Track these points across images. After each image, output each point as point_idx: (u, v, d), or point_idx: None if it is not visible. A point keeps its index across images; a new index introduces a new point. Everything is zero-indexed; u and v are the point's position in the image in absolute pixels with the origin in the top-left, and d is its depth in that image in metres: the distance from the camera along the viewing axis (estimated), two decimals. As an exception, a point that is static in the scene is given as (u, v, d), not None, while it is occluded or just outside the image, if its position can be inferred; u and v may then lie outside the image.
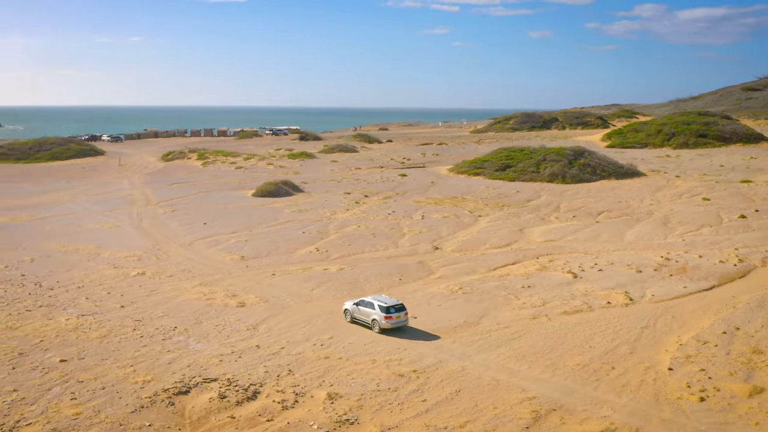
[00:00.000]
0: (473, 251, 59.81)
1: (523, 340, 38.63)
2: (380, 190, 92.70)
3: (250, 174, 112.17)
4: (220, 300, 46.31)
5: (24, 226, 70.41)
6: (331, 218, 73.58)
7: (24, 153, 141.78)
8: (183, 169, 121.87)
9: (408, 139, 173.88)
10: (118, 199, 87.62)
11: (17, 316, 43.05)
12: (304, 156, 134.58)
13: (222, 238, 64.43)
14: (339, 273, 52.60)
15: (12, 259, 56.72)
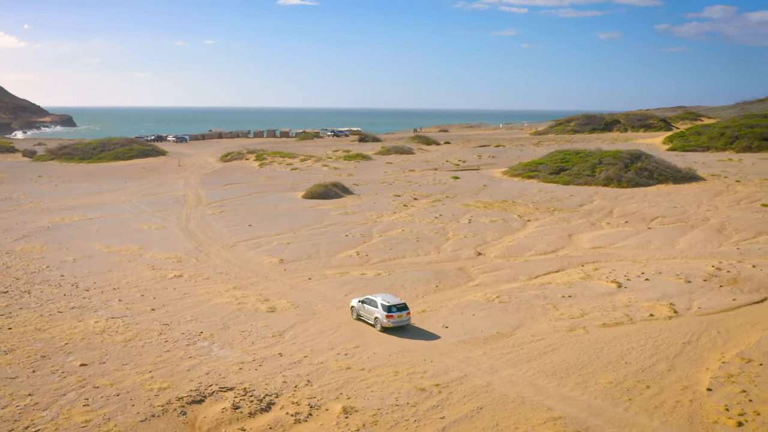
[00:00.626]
0: (517, 257, 57.55)
1: (555, 354, 36.41)
2: (430, 192, 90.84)
3: (304, 175, 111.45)
4: (251, 305, 45.18)
5: (73, 226, 70.70)
6: (376, 221, 72.06)
7: (88, 153, 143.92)
8: (239, 170, 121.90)
9: (466, 141, 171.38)
10: (170, 200, 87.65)
11: (48, 317, 42.60)
12: (360, 158, 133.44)
13: (264, 240, 63.48)
14: (375, 278, 51.03)
15: (55, 260, 56.68)
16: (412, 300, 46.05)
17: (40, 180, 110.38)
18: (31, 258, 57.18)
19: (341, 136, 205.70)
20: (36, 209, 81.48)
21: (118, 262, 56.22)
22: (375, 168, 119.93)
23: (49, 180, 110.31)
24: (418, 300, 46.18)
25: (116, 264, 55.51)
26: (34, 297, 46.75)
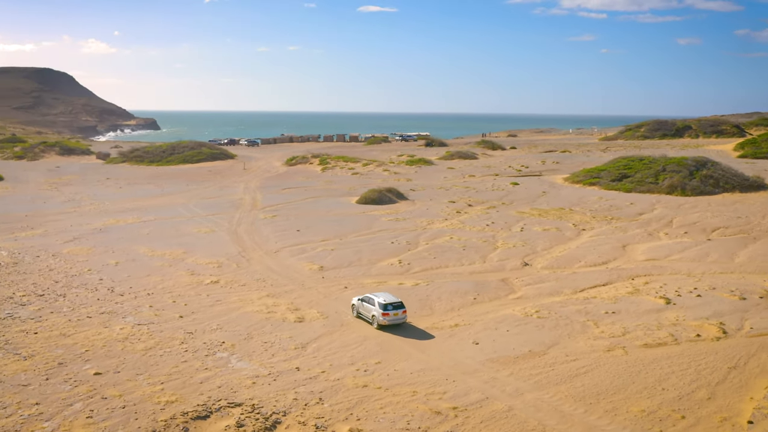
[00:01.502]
0: (565, 269, 54.46)
1: (588, 376, 33.52)
2: (486, 199, 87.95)
3: (363, 180, 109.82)
4: (280, 314, 43.52)
5: (125, 228, 70.50)
6: (426, 228, 69.74)
7: (158, 156, 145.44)
8: (301, 174, 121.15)
9: (533, 146, 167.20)
10: (227, 203, 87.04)
11: (76, 322, 41.76)
12: (422, 162, 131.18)
13: (309, 246, 61.87)
14: (412, 289, 48.74)
15: (98, 263, 56.22)
16: (446, 313, 43.68)
17: (107, 182, 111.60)
18: (75, 261, 56.83)
19: (409, 141, 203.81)
20: (95, 211, 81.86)
21: (159, 266, 55.35)
22: (435, 173, 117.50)
23: (115, 182, 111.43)
24: (452, 313, 43.73)
25: (157, 268, 54.64)
26: (68, 301, 46.09)
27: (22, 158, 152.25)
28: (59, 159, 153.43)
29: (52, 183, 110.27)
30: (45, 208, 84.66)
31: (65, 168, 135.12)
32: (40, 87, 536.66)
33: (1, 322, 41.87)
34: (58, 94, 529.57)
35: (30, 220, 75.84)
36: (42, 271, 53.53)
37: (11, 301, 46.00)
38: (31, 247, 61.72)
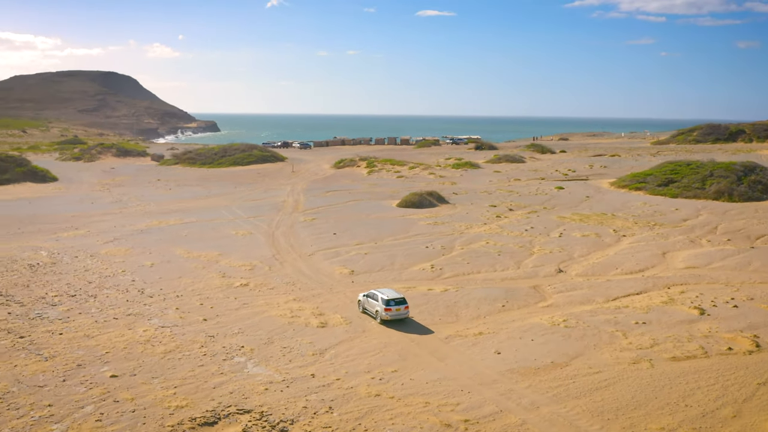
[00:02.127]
0: (599, 276, 52.65)
1: (609, 390, 31.98)
2: (529, 203, 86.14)
3: (407, 183, 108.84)
4: (303, 318, 42.82)
5: (166, 230, 70.78)
6: (463, 233, 68.42)
7: (209, 158, 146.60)
8: (348, 177, 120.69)
9: (583, 149, 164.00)
10: (269, 206, 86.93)
11: (102, 323, 41.73)
12: (468, 166, 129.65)
13: (343, 250, 61.14)
14: (441, 295, 47.58)
15: (133, 264, 56.35)
16: (472, 320, 42.44)
17: (157, 184, 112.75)
18: (112, 261, 57.08)
19: (460, 144, 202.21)
20: (139, 212, 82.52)
21: (192, 268, 55.22)
22: (480, 176, 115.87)
23: (165, 184, 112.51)
24: (478, 321, 42.46)
25: (190, 270, 54.51)
26: (98, 302, 46.16)
27: (79, 159, 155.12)
28: (115, 160, 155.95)
29: (103, 184, 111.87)
30: (92, 208, 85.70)
31: (119, 169, 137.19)
32: (104, 90, 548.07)
33: (30, 322, 42.05)
34: (122, 97, 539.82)
35: (75, 220, 76.76)
36: (77, 272, 53.85)
37: (43, 302, 46.24)
38: (72, 247, 62.28)
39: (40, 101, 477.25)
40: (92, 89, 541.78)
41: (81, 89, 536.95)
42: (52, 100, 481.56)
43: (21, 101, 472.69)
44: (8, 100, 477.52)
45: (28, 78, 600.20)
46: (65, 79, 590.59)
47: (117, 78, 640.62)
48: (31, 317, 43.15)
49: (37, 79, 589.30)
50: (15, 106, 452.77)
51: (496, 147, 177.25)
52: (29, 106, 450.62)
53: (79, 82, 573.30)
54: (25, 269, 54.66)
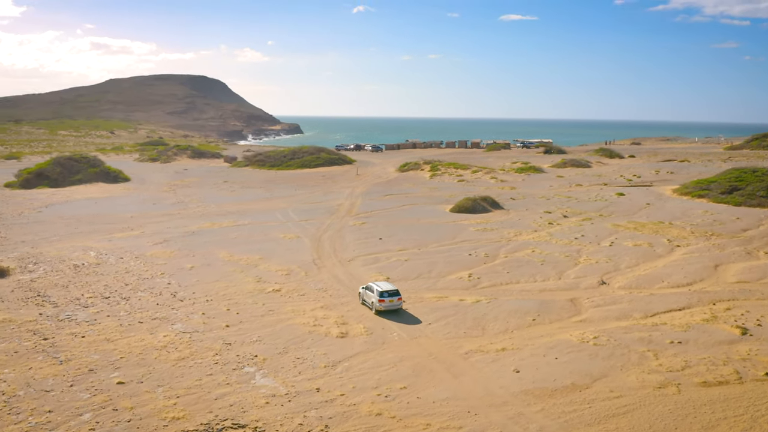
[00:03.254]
0: (643, 290, 49.33)
1: (626, 417, 29.24)
2: (585, 210, 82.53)
3: (467, 188, 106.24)
4: (325, 327, 41.23)
5: (216, 232, 70.42)
6: (510, 240, 65.70)
7: (278, 160, 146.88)
8: (409, 181, 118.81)
9: (653, 154, 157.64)
10: (324, 209, 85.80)
11: (126, 327, 41.12)
12: (532, 170, 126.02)
13: (384, 256, 59.39)
14: (472, 306, 45.25)
15: (174, 266, 55.91)
16: (497, 335, 40.07)
17: (223, 185, 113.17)
18: (154, 263, 56.77)
19: (531, 148, 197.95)
20: (197, 214, 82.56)
21: (230, 272, 54.36)
22: (542, 181, 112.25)
23: (230, 185, 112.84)
24: (504, 335, 40.02)
25: (227, 274, 53.66)
26: (129, 305, 45.71)
27: (156, 160, 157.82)
28: (189, 162, 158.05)
29: (171, 185, 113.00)
30: (153, 209, 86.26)
31: (191, 171, 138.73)
32: (193, 93, 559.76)
33: (58, 324, 41.79)
34: (210, 100, 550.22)
35: (134, 221, 77.23)
36: (118, 273, 53.65)
37: (76, 303, 46.02)
38: (120, 248, 62.35)
39: (132, 103, 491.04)
40: (182, 92, 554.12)
41: (171, 92, 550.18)
42: (143, 103, 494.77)
43: (114, 103, 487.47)
44: (102, 102, 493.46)
45: (123, 81, 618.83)
46: (157, 82, 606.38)
47: (206, 81, 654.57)
48: (60, 318, 42.90)
49: (131, 83, 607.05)
50: (108, 108, 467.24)
51: (565, 151, 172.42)
52: (121, 108, 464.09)
53: (169, 85, 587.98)
54: (70, 269, 54.79)
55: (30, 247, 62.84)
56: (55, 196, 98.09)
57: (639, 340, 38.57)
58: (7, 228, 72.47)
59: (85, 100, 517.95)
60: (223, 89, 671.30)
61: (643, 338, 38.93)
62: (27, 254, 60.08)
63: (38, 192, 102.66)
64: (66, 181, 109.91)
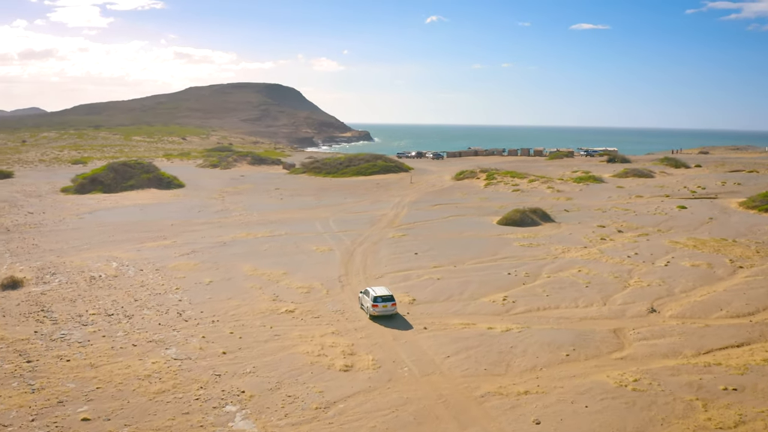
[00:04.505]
0: (698, 319, 42.58)
1: (661, 496, 23.05)
2: (642, 224, 75.23)
3: (520, 198, 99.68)
4: (330, 358, 36.13)
5: (249, 242, 66.45)
6: (557, 257, 59.38)
7: (334, 168, 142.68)
8: (463, 190, 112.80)
9: (721, 164, 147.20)
10: (366, 219, 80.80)
11: (117, 351, 37.10)
12: (591, 180, 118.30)
13: (416, 273, 53.96)
14: (499, 336, 39.41)
15: (192, 280, 51.91)
16: (522, 373, 34.17)
17: (274, 193, 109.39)
18: (173, 277, 52.75)
19: (594, 156, 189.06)
20: (236, 222, 78.67)
21: (248, 288, 49.79)
22: (600, 192, 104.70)
23: (280, 193, 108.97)
24: (530, 374, 34.09)
25: (244, 291, 49.11)
26: (130, 324, 41.67)
27: (216, 166, 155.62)
28: (248, 168, 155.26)
29: (222, 192, 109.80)
30: (196, 217, 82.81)
31: (248, 177, 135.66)
32: (268, 101, 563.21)
33: (49, 344, 38.03)
34: (284, 108, 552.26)
35: (171, 229, 73.77)
36: (132, 287, 49.77)
37: (77, 320, 42.25)
38: (145, 259, 58.63)
39: (209, 111, 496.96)
40: (257, 100, 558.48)
41: (247, 100, 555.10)
42: (219, 110, 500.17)
43: (191, 110, 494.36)
44: (180, 109, 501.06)
45: (201, 89, 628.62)
46: (234, 90, 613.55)
47: (281, 89, 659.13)
48: (54, 338, 39.13)
49: (209, 90, 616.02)
50: (185, 114, 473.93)
51: (629, 160, 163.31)
52: (198, 115, 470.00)
53: (245, 93, 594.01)
54: (85, 282, 51.18)
55: (56, 256, 59.67)
56: (104, 202, 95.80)
57: (687, 386, 32.15)
58: (43, 235, 69.79)
59: (165, 107, 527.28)
60: (297, 97, 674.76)
61: (693, 383, 32.49)
62: (50, 264, 56.87)
63: (89, 197, 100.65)
64: (118, 187, 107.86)
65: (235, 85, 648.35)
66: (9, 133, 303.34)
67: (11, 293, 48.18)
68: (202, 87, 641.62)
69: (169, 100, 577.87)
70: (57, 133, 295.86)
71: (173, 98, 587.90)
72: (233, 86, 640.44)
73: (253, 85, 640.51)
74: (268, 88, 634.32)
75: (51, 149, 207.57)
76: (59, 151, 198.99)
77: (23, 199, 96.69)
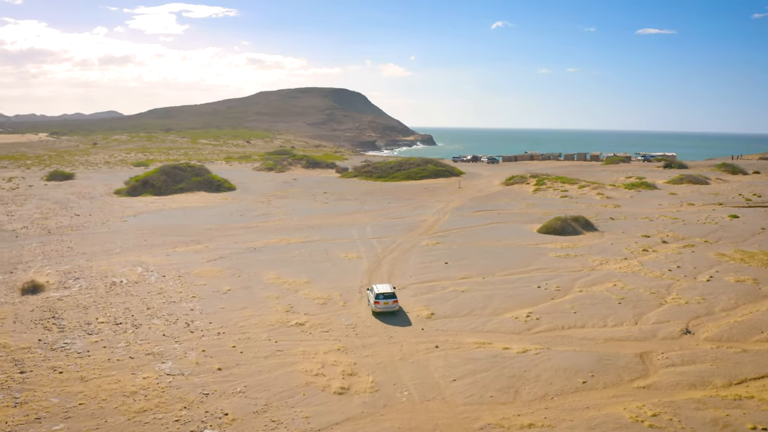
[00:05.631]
0: (735, 343, 38.14)
1: None
2: (689, 234, 70.02)
3: (567, 204, 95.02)
4: (327, 379, 33.30)
5: (279, 249, 64.28)
6: (594, 269, 55.23)
7: (385, 172, 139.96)
8: (510, 195, 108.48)
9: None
10: (405, 225, 77.69)
11: (113, 363, 35.30)
12: (644, 186, 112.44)
13: (441, 285, 50.65)
14: (514, 358, 35.87)
15: (211, 288, 49.93)
16: (534, 402, 30.64)
17: (320, 197, 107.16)
18: (192, 284, 50.75)
19: (651, 161, 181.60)
20: (274, 227, 76.58)
21: (264, 298, 47.39)
22: (651, 199, 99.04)
23: (327, 197, 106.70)
24: (539, 403, 30.49)
25: (260, 300, 46.75)
26: (134, 334, 39.72)
27: (271, 170, 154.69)
28: (302, 172, 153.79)
29: (270, 195, 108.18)
30: (236, 221, 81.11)
31: (300, 180, 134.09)
32: (334, 105, 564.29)
33: (48, 354, 36.40)
34: (349, 112, 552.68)
35: (207, 233, 72.15)
36: (149, 294, 47.98)
37: (84, 329, 40.53)
38: (171, 264, 56.92)
39: (276, 114, 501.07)
40: (323, 104, 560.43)
41: (313, 104, 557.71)
42: (286, 114, 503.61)
43: (260, 114, 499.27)
44: (249, 113, 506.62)
45: (270, 94, 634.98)
46: (301, 95, 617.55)
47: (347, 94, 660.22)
48: (55, 347, 37.43)
49: (278, 95, 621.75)
50: (254, 118, 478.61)
51: (686, 165, 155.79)
52: (265, 119, 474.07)
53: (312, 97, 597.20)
54: (104, 287, 49.62)
55: (86, 260, 58.46)
56: (152, 205, 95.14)
57: (711, 423, 28.10)
58: (82, 237, 68.98)
59: (234, 111, 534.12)
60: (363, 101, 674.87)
61: (718, 419, 28.40)
62: (78, 268, 55.63)
63: (138, 200, 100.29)
64: (169, 190, 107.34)
65: (303, 89, 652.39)
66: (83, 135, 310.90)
67: (30, 298, 46.86)
68: (271, 92, 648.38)
69: (239, 104, 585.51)
70: (128, 135, 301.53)
71: (243, 102, 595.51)
72: (301, 91, 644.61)
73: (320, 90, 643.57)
74: (334, 93, 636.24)
75: (119, 151, 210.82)
76: (126, 154, 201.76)
77: (75, 201, 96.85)
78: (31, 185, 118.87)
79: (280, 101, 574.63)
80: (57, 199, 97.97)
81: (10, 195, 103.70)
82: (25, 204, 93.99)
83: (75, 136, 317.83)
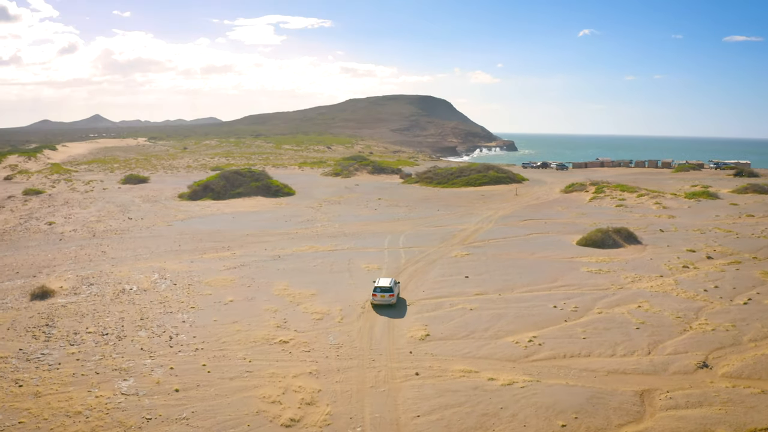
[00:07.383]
0: (756, 381, 32.23)
1: None
2: (738, 249, 62.67)
3: (621, 214, 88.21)
4: (282, 407, 29.97)
5: (302, 257, 61.42)
6: (622, 287, 49.50)
7: (445, 178, 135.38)
8: (564, 203, 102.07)
9: None
10: (441, 234, 73.22)
11: (76, 378, 33.06)
12: (704, 196, 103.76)
13: (450, 302, 46.20)
14: (495, 391, 31.16)
15: (215, 299, 47.37)
16: (491, 448, 25.76)
17: (372, 203, 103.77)
18: (198, 293, 48.13)
19: (725, 169, 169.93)
20: (309, 234, 73.60)
21: (262, 311, 44.17)
22: (709, 210, 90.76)
23: (378, 203, 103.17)
24: (501, 449, 25.64)
25: (255, 314, 43.64)
26: (113, 347, 37.53)
27: (338, 175, 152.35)
28: (367, 177, 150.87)
29: (323, 201, 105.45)
30: (277, 227, 78.64)
31: (361, 186, 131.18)
32: (418, 111, 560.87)
33: (19, 366, 34.64)
34: (433, 118, 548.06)
35: (243, 239, 69.93)
36: (151, 304, 45.59)
37: (68, 339, 38.65)
38: (188, 272, 54.62)
39: (362, 121, 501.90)
40: (408, 111, 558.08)
41: (398, 111, 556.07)
42: (372, 120, 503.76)
43: (346, 120, 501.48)
44: (337, 120, 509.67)
45: (359, 101, 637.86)
46: (387, 102, 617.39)
47: (432, 101, 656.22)
48: (30, 358, 35.52)
49: (365, 102, 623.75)
50: (340, 124, 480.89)
51: (757, 174, 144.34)
52: (351, 125, 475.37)
53: (398, 104, 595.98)
54: (112, 295, 47.61)
55: (111, 265, 56.87)
56: (207, 209, 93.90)
57: (693, 491, 22.67)
58: (120, 241, 67.81)
59: (323, 117, 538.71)
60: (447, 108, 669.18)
61: (703, 487, 22.93)
62: (98, 273, 54.08)
63: (196, 204, 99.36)
64: (227, 194, 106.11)
65: (389, 97, 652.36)
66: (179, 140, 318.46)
67: (36, 304, 45.20)
68: (359, 99, 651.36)
69: (328, 111, 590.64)
70: (218, 140, 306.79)
71: (332, 109, 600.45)
72: (387, 98, 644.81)
73: (406, 97, 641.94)
74: (420, 100, 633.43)
75: (204, 156, 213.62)
76: (210, 158, 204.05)
77: (138, 204, 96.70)
78: (105, 188, 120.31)
79: (367, 108, 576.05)
80: (121, 203, 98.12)
81: (81, 198, 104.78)
82: (89, 207, 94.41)
83: (171, 141, 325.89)
